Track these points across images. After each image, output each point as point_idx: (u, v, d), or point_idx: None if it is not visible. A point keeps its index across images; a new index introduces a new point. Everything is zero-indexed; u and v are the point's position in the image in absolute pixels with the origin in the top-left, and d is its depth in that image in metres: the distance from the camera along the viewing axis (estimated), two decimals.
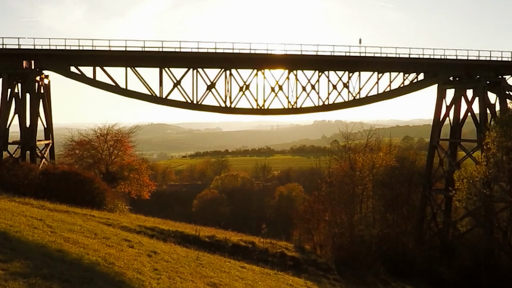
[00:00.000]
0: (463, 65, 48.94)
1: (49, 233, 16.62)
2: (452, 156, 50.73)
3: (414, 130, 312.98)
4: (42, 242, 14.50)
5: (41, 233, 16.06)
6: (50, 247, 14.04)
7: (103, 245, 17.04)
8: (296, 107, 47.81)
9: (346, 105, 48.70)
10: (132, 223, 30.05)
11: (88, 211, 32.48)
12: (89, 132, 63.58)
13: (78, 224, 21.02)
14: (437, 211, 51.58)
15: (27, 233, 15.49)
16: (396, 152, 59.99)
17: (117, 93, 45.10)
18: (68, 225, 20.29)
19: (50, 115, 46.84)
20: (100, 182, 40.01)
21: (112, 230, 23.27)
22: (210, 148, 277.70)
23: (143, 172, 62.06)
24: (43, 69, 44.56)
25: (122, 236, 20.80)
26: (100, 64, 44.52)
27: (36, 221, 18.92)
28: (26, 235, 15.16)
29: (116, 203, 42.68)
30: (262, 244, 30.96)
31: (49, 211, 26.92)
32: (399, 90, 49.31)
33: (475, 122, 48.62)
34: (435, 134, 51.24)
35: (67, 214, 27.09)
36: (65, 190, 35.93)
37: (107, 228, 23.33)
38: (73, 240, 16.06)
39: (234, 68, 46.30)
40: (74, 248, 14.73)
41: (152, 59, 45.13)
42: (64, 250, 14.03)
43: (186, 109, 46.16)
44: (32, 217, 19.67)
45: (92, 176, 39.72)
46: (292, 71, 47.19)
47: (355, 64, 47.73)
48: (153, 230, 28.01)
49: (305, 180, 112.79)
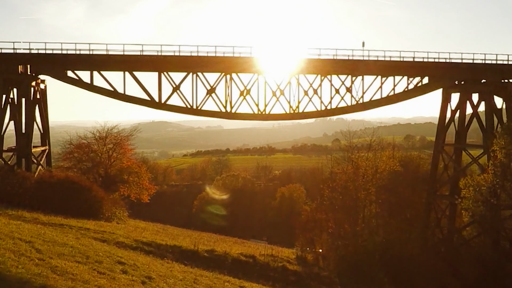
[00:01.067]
0: (469, 69, 47.88)
1: (36, 261, 15.63)
2: (457, 161, 49.68)
3: (416, 128, 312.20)
4: (26, 277, 13.50)
5: (27, 263, 15.07)
6: (34, 283, 13.06)
7: (94, 273, 16.07)
8: (298, 112, 46.82)
9: (349, 109, 47.75)
10: (129, 236, 29.10)
11: (84, 222, 31.62)
12: (87, 135, 62.99)
13: (70, 245, 20.05)
14: (441, 217, 50.58)
15: (11, 263, 14.50)
16: (399, 155, 59.07)
17: (115, 98, 44.13)
18: (59, 246, 19.33)
19: (46, 121, 45.88)
20: (97, 190, 39.08)
21: (106, 248, 22.28)
22: (211, 146, 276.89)
23: (142, 175, 61.31)
24: (39, 73, 43.56)
25: (116, 258, 19.81)
26: (98, 68, 43.52)
27: (24, 244, 17.95)
28: (10, 266, 14.16)
29: (114, 210, 41.85)
30: (263, 258, 30.01)
31: (42, 226, 26.01)
32: (403, 94, 48.28)
33: (481, 127, 47.58)
34: (440, 139, 50.16)
35: (60, 229, 26.19)
36: (61, 199, 35.05)
37: (101, 247, 22.34)
38: (61, 270, 15.07)
39: (235, 72, 45.28)
40: (61, 282, 13.76)
41: (150, 63, 44.09)
42: (49, 286, 13.06)
43: (186, 114, 45.14)
44: (21, 240, 18.69)
45: (88, 184, 38.79)
46: (294, 75, 46.16)
47: (358, 67, 46.66)
48: (150, 245, 27.04)
49: (306, 181, 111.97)
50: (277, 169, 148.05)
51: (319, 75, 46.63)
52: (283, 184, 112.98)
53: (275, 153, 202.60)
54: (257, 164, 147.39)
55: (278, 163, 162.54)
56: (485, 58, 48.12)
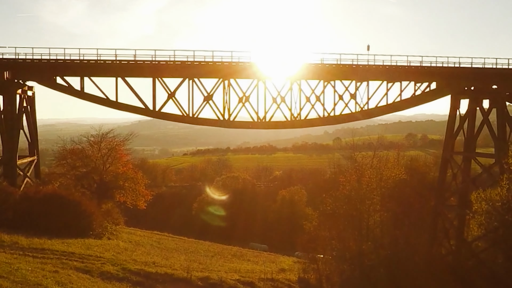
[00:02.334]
0: (479, 73, 45.61)
1: None
2: (466, 170, 47.37)
3: (417, 126, 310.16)
4: None
5: None
6: None
7: None
8: (299, 119, 44.54)
9: (353, 117, 45.40)
10: (117, 261, 26.87)
11: (70, 243, 29.46)
12: (82, 139, 61.02)
13: (43, 285, 17.83)
14: (449, 228, 48.35)
15: None
16: (404, 162, 56.92)
17: (107, 106, 41.87)
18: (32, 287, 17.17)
19: (35, 130, 43.60)
20: (86, 204, 36.83)
21: (87, 285, 20.05)
22: (212, 143, 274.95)
23: (139, 181, 59.50)
24: (26, 80, 41.22)
25: None
26: (88, 74, 41.21)
27: None
28: None
29: (105, 225, 39.66)
30: (262, 284, 27.79)
31: (21, 252, 23.88)
32: (411, 100, 46.06)
33: (492, 136, 45.20)
34: (448, 147, 47.86)
35: (41, 256, 23.98)
36: (47, 217, 32.86)
37: (82, 282, 20.12)
38: None
39: (233, 78, 42.97)
40: None
41: (144, 69, 41.76)
42: None
43: (182, 123, 42.85)
44: None
45: (77, 199, 36.54)
46: (295, 81, 43.83)
47: (363, 72, 44.34)
48: (138, 274, 24.80)
49: (307, 182, 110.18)
50: (278, 169, 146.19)
51: (322, 81, 44.34)
52: (284, 185, 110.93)
53: (275, 152, 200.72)
54: (258, 164, 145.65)
55: (278, 162, 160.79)
56: (496, 63, 45.85)
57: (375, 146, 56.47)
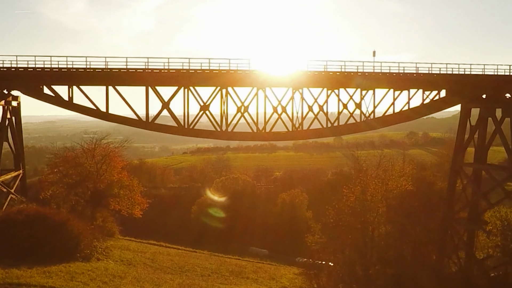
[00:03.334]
0: (491, 81, 43.29)
1: None
2: (476, 183, 44.99)
3: (418, 123, 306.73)
4: None
5: None
6: None
7: None
8: (302, 130, 42.16)
9: (358, 127, 43.06)
10: None
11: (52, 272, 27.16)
12: (75, 146, 58.92)
13: None
14: (458, 243, 46.03)
15: None
16: (410, 170, 54.46)
17: (97, 117, 39.51)
18: None
19: (20, 142, 41.23)
20: (73, 224, 34.35)
21: None
22: (212, 141, 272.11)
23: (134, 189, 57.30)
24: (10, 90, 38.74)
25: None
26: (77, 83, 38.82)
27: None
28: None
29: (94, 244, 37.25)
30: None
31: None
32: (419, 109, 43.69)
33: (505, 147, 42.75)
34: (458, 158, 45.46)
35: None
36: (29, 241, 30.52)
37: None
38: None
39: (231, 86, 40.54)
40: None
41: (136, 78, 39.31)
42: None
43: (176, 135, 40.46)
44: None
45: (63, 219, 34.06)
46: (297, 89, 41.37)
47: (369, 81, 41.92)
48: None
49: (308, 183, 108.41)
50: (278, 169, 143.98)
51: (325, 89, 41.91)
52: (284, 186, 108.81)
53: (276, 150, 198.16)
54: (258, 163, 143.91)
55: (279, 162, 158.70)
56: (510, 69, 43.43)
57: (376, 145, 54.14)
